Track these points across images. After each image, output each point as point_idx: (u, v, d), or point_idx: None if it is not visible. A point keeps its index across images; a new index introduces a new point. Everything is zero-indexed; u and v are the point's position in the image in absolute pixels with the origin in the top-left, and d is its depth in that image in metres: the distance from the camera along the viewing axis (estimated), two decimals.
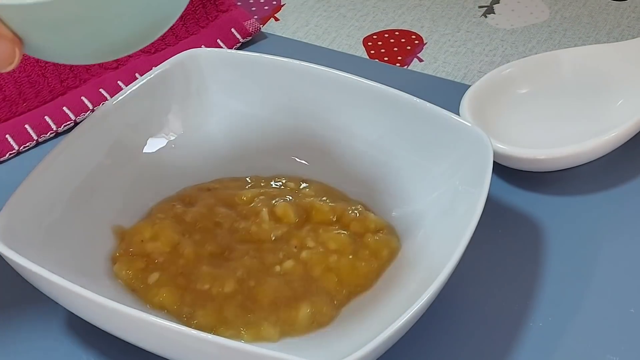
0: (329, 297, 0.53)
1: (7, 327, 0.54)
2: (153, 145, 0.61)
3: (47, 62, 0.67)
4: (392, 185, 0.59)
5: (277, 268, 0.54)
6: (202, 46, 0.72)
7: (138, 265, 0.55)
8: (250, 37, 0.75)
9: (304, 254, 0.55)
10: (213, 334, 0.50)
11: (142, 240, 0.56)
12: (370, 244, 0.56)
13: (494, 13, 0.83)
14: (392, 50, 0.78)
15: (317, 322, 0.52)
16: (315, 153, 0.62)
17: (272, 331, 0.52)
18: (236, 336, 0.51)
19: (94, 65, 0.69)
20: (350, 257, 0.55)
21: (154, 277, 0.54)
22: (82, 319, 0.51)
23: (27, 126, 0.66)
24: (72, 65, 0.68)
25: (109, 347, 0.52)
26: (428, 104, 0.58)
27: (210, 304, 0.53)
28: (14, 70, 0.66)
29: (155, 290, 0.53)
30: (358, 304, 0.54)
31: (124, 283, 0.54)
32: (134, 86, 0.60)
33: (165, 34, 0.72)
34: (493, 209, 0.59)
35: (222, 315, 0.52)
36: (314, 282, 0.54)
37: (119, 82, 0.69)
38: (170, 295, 0.53)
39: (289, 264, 0.55)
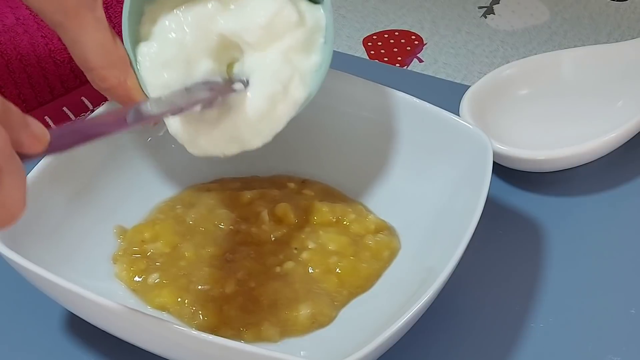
0: (329, 298, 0.53)
1: (7, 327, 0.54)
2: (153, 145, 0.61)
3: (46, 63, 0.67)
4: (392, 186, 0.59)
5: (278, 269, 0.54)
6: None
7: (139, 266, 0.55)
8: None
9: (304, 255, 0.55)
10: (214, 334, 0.49)
11: (142, 241, 0.56)
12: (370, 245, 0.56)
13: (493, 14, 0.83)
14: (392, 51, 0.78)
15: (318, 323, 0.52)
16: (316, 153, 0.62)
17: (272, 331, 0.52)
18: (237, 336, 0.51)
19: None
20: (351, 258, 0.55)
21: (154, 278, 0.54)
22: (82, 319, 0.50)
23: None
24: (72, 66, 0.68)
25: (109, 347, 0.52)
26: (428, 105, 0.58)
27: (210, 305, 0.52)
28: (14, 71, 0.66)
29: (157, 291, 0.53)
30: (358, 304, 0.54)
31: (124, 284, 0.54)
32: None
33: None
34: (493, 209, 0.59)
35: (223, 316, 0.52)
36: (314, 283, 0.54)
37: None
38: (171, 296, 0.53)
39: (289, 265, 0.55)
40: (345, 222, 0.57)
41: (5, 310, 0.55)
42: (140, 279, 0.54)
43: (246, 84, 0.51)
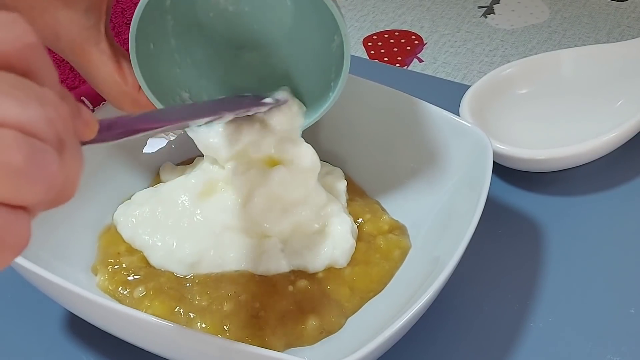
0: (339, 307, 0.52)
1: (7, 327, 0.54)
2: (153, 145, 0.61)
3: None
4: (392, 185, 0.59)
5: (290, 288, 0.52)
6: None
7: (120, 278, 0.52)
8: None
9: (319, 273, 0.53)
10: None
11: (118, 253, 0.53)
12: (381, 245, 0.55)
13: (493, 13, 0.83)
14: (392, 51, 0.78)
15: (326, 332, 0.51)
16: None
17: (277, 344, 0.49)
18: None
19: None
20: (363, 265, 0.53)
21: (140, 291, 0.51)
22: (82, 319, 0.50)
23: None
24: (72, 66, 0.68)
25: (109, 347, 0.52)
26: (428, 105, 0.58)
27: (209, 316, 0.50)
28: None
29: (147, 303, 0.51)
30: (366, 305, 0.53)
31: (108, 295, 0.52)
32: None
33: None
34: (493, 209, 0.59)
35: (224, 328, 0.50)
36: (325, 296, 0.52)
37: None
38: (163, 306, 0.50)
39: (302, 283, 0.52)
40: (359, 220, 0.56)
41: (5, 310, 0.55)
42: (125, 292, 0.52)
43: (277, 100, 0.52)
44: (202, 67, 0.55)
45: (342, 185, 0.57)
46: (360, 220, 0.56)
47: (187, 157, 0.62)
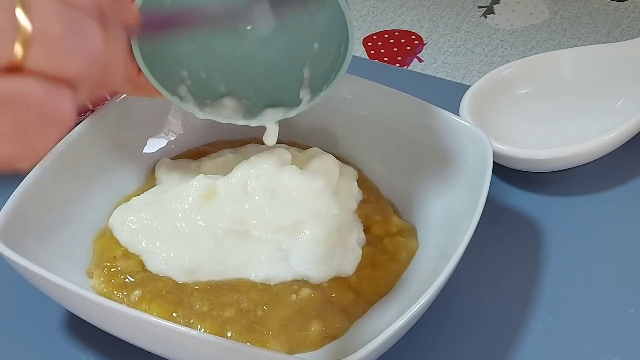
0: (344, 312, 0.51)
1: (7, 327, 0.54)
2: (153, 145, 0.61)
3: None
4: (399, 186, 0.59)
5: (293, 297, 0.51)
6: None
7: (117, 281, 0.51)
8: None
9: (324, 283, 0.52)
10: None
11: (114, 257, 0.53)
12: (388, 247, 0.54)
13: (493, 13, 0.83)
14: (392, 51, 0.78)
15: (330, 337, 0.50)
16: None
17: (279, 348, 0.49)
18: None
19: None
20: (370, 269, 0.53)
21: (136, 294, 0.51)
22: (82, 319, 0.50)
23: None
24: None
25: (109, 347, 0.52)
26: (428, 105, 0.58)
27: (209, 321, 0.50)
28: None
29: (145, 306, 0.50)
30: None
31: (104, 298, 0.50)
32: None
33: None
34: (493, 209, 0.58)
35: (224, 332, 0.49)
36: (330, 303, 0.51)
37: None
38: (161, 309, 0.50)
39: (305, 292, 0.51)
40: (368, 224, 0.55)
41: (5, 310, 0.55)
42: (122, 295, 0.51)
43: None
44: (201, 44, 0.54)
45: (354, 187, 0.56)
46: (370, 223, 0.55)
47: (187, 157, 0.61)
